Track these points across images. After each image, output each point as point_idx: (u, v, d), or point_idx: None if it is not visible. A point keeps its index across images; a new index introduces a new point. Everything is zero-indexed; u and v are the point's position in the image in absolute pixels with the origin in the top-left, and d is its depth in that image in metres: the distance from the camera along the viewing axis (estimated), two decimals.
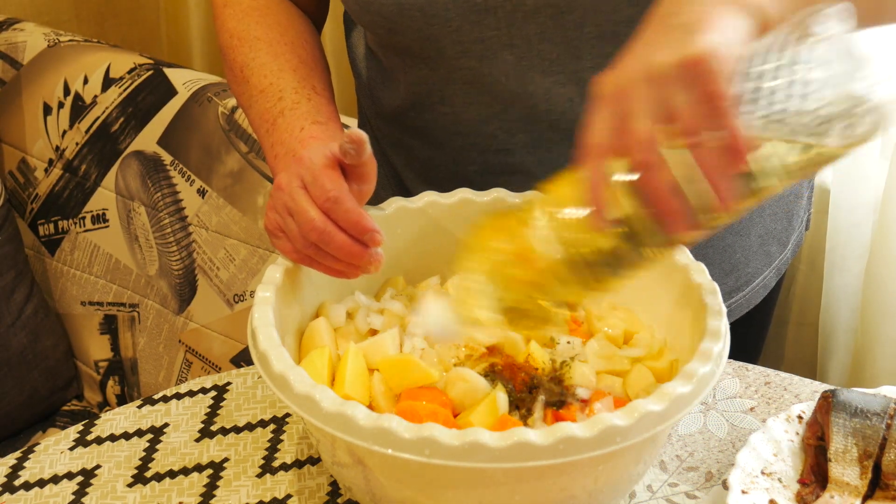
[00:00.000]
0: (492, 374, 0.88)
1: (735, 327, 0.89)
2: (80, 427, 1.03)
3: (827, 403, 0.92)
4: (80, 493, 0.96)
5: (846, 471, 0.90)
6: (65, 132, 1.70)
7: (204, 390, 1.07)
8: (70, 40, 1.75)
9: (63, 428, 1.62)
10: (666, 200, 0.71)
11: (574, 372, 0.89)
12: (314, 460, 0.99)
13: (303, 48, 1.07)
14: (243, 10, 1.09)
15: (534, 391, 0.87)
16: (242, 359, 1.58)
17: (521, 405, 0.87)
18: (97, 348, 1.73)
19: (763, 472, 0.91)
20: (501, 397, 0.86)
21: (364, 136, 0.87)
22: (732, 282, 1.16)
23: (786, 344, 1.71)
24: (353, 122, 1.34)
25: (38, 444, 1.02)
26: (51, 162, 1.71)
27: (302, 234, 0.88)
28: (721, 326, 0.85)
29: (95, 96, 1.68)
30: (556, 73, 1.00)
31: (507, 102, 1.02)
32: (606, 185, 0.72)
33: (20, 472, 0.98)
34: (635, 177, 0.71)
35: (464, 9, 0.97)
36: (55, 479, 0.98)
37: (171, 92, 1.64)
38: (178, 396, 1.06)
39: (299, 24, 1.10)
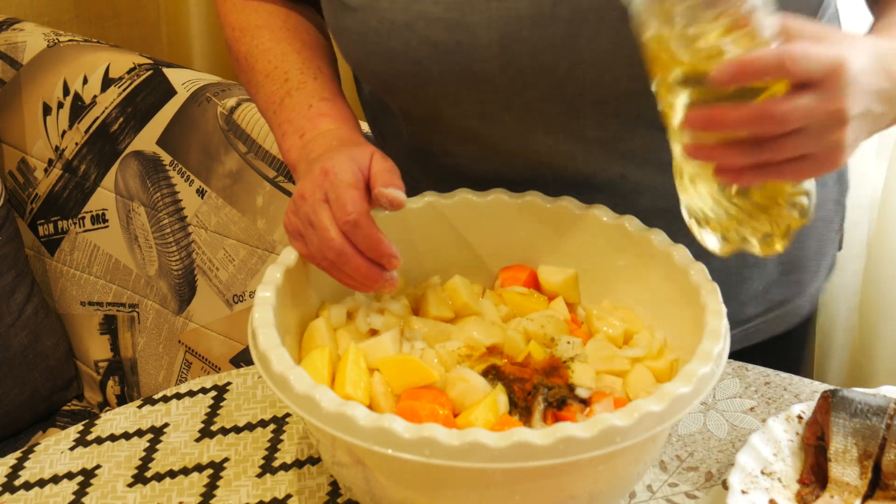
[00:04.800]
0: (492, 374, 0.88)
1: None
2: (80, 427, 1.03)
3: (827, 403, 0.92)
4: (80, 493, 0.96)
5: (846, 471, 0.90)
6: (64, 132, 1.70)
7: (204, 390, 1.07)
8: (70, 40, 1.75)
9: (63, 428, 1.62)
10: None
11: (574, 372, 0.89)
12: (314, 460, 0.99)
13: (306, 32, 1.07)
14: (243, 1, 1.09)
15: (534, 391, 0.87)
16: (242, 359, 1.58)
17: (521, 405, 0.87)
18: (97, 348, 1.73)
19: (763, 472, 0.91)
20: (501, 397, 0.86)
21: (403, 200, 0.88)
22: (795, 288, 1.16)
23: None
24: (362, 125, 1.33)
25: (38, 444, 1.02)
26: (50, 162, 1.71)
27: (320, 250, 0.88)
28: (721, 326, 0.85)
29: (95, 96, 1.68)
30: (557, 132, 0.99)
31: (509, 159, 1.02)
32: None
33: (20, 472, 0.98)
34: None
35: (460, 77, 0.95)
36: (55, 479, 0.98)
37: (171, 92, 1.63)
38: (178, 396, 1.06)
39: (301, 10, 1.10)
